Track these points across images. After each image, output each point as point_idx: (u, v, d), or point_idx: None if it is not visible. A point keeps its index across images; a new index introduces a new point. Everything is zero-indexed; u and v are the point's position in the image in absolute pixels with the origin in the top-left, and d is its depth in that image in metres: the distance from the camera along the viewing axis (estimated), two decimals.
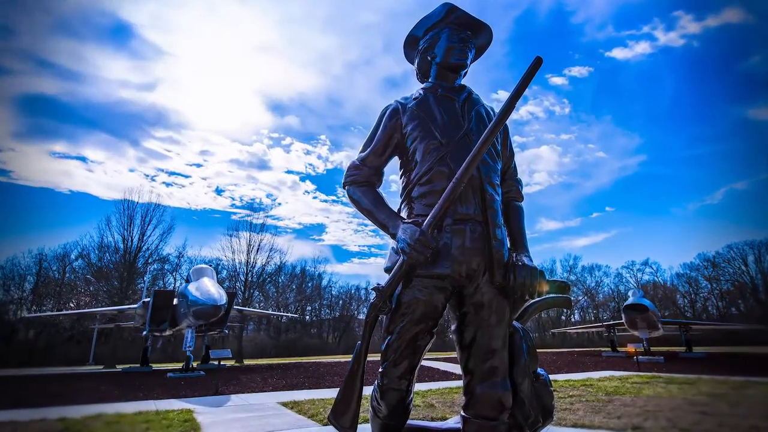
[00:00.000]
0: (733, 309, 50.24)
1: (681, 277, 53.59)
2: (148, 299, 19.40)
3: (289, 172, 78.86)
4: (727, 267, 50.21)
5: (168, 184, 63.77)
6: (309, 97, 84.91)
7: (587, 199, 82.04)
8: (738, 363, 16.30)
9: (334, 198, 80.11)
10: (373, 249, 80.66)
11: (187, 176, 73.56)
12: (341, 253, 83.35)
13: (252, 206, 65.23)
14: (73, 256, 41.02)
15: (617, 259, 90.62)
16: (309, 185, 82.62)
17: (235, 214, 71.34)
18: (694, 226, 71.58)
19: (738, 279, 49.27)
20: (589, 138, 79.53)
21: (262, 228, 34.76)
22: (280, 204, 71.82)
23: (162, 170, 69.12)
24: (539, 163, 76.30)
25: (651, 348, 21.81)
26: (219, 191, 70.60)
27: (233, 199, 69.82)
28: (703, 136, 70.79)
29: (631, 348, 16.78)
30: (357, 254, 79.43)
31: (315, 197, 77.70)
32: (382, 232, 2.24)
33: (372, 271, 77.53)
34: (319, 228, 77.59)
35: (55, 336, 37.05)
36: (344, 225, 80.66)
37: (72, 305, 35.03)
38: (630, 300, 21.06)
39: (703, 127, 71.06)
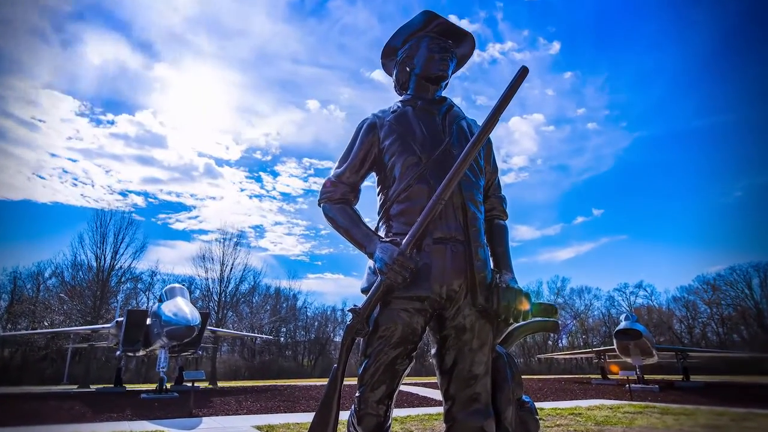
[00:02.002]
0: (735, 336, 49.43)
1: (678, 301, 53.25)
2: (122, 319, 19.77)
3: (201, 155, 69.39)
4: (728, 290, 49.22)
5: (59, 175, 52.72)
6: (178, 27, 60.55)
7: (571, 197, 71.33)
8: (739, 393, 16.39)
9: (265, 192, 69.39)
10: (322, 261, 72.39)
11: (74, 160, 58.75)
12: (290, 266, 73.68)
13: (171, 205, 61.46)
14: (47, 275, 42.86)
15: (606, 275, 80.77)
16: (231, 173, 70.21)
17: (154, 215, 62.70)
18: (697, 240, 63.03)
19: (741, 303, 48.29)
20: (582, 97, 64.52)
21: (189, 237, 35.62)
22: (202, 199, 63.13)
23: (43, 150, 56.06)
24: (511, 143, 65.47)
25: (645, 376, 21.75)
26: (124, 189, 59.79)
27: (147, 196, 60.34)
28: (731, 96, 54.10)
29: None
30: (307, 266, 70.27)
31: (243, 189, 66.34)
32: (342, 242, 2.22)
33: (332, 289, 70.91)
34: (258, 231, 66.81)
35: (30, 354, 38.13)
36: (286, 228, 71.76)
37: (46, 324, 35.61)
38: (622, 325, 20.98)
39: (732, 80, 54.38)
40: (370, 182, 2.53)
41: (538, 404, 11.37)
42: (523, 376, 2.49)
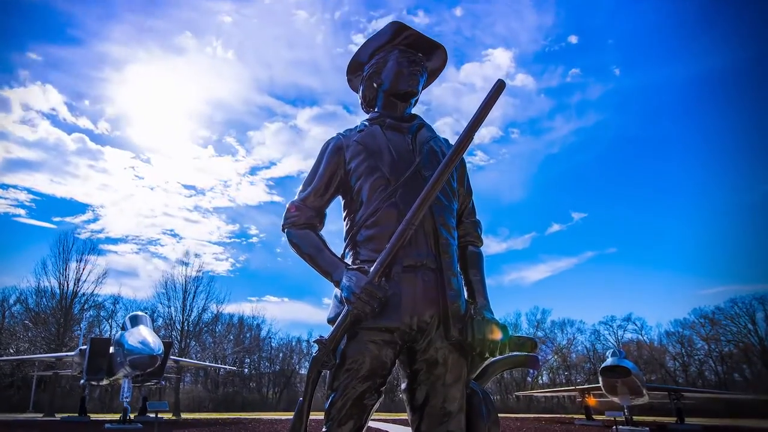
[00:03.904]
0: (736, 375, 48.36)
1: (671, 336, 52.67)
2: (85, 347, 20.76)
3: (58, 124, 57.13)
4: (729, 325, 47.89)
5: None
6: None
7: (544, 196, 59.21)
8: None
9: (164, 182, 62.74)
10: (260, 280, 68.66)
11: None
12: (217, 285, 68.73)
13: (60, 203, 58.21)
14: (11, 301, 44.58)
15: (589, 302, 73.24)
16: (114, 153, 61.53)
17: (47, 218, 58.54)
18: (702, 257, 56.06)
19: (743, 340, 46.82)
20: (567, 18, 51.82)
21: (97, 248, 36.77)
22: (92, 193, 59.15)
23: None
24: (460, 108, 52.30)
25: (634, 417, 21.63)
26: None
27: (30, 192, 54.55)
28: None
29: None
30: (239, 284, 65.24)
31: (140, 177, 58.88)
32: (282, 255, 2.18)
33: (276, 314, 69.58)
34: (174, 236, 59.63)
35: None
36: (203, 231, 63.76)
37: (12, 351, 36.73)
38: (609, 361, 20.93)
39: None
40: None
41: None
42: (499, 415, 2.47)
